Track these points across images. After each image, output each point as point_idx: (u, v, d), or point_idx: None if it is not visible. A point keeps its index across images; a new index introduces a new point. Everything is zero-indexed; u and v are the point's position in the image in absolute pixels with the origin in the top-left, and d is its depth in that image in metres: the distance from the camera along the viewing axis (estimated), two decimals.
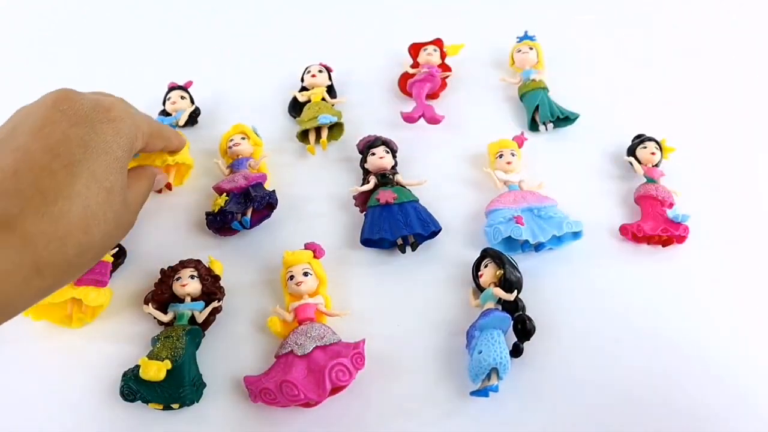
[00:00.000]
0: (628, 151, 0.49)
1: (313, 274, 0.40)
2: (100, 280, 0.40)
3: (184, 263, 0.41)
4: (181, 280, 0.40)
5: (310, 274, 0.40)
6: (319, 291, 0.40)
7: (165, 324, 0.39)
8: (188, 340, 0.37)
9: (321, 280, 0.40)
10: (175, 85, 0.55)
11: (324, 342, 0.36)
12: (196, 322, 0.39)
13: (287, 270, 0.40)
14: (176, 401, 0.35)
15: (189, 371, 0.36)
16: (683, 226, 0.43)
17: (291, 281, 0.39)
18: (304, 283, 0.39)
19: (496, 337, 0.35)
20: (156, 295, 0.40)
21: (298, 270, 0.40)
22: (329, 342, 0.37)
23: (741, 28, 0.63)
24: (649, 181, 0.46)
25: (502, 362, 0.34)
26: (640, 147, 0.48)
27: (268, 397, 0.34)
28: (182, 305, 0.39)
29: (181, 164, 0.48)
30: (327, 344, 0.36)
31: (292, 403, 0.34)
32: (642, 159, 0.48)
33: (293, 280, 0.39)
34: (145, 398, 0.35)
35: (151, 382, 0.34)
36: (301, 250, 0.41)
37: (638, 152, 0.48)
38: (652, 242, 0.43)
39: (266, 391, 0.34)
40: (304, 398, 0.33)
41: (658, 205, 0.44)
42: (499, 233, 0.41)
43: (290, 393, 0.33)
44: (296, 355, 0.36)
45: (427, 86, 0.54)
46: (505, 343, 0.35)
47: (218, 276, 0.41)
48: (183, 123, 0.53)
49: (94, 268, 0.40)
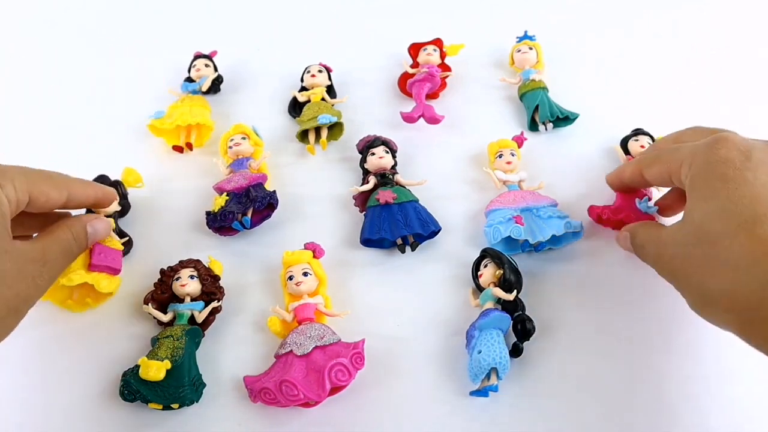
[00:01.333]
0: (622, 142, 0.49)
1: (313, 274, 0.40)
2: (115, 268, 0.41)
3: (183, 263, 0.41)
4: (180, 280, 0.40)
5: (310, 274, 0.40)
6: (319, 291, 0.40)
7: (165, 324, 0.39)
8: (188, 340, 0.37)
9: (321, 280, 0.40)
10: (201, 54, 0.57)
11: (324, 342, 0.36)
12: (195, 322, 0.39)
13: (287, 270, 0.40)
14: (176, 401, 0.35)
15: (188, 371, 0.36)
16: (651, 216, 0.42)
17: (290, 281, 0.39)
18: (303, 283, 0.39)
19: (495, 336, 0.35)
20: (156, 295, 0.40)
21: (298, 270, 0.40)
22: (329, 342, 0.37)
23: (741, 28, 0.63)
24: None
25: (501, 362, 0.34)
26: (633, 139, 0.48)
27: (267, 396, 0.34)
28: (182, 305, 0.39)
29: (202, 125, 0.52)
30: (326, 344, 0.36)
31: (292, 403, 0.34)
32: (632, 151, 0.48)
33: (293, 280, 0.39)
34: (145, 398, 0.35)
35: (151, 381, 0.34)
36: (301, 250, 0.41)
37: (630, 144, 0.48)
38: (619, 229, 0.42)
39: (266, 391, 0.34)
40: (303, 398, 0.33)
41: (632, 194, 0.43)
42: (498, 233, 0.41)
43: (290, 393, 0.33)
44: (296, 355, 0.36)
45: (427, 86, 0.54)
46: (504, 343, 0.35)
47: (218, 276, 0.41)
48: (206, 89, 0.55)
49: (107, 255, 0.40)
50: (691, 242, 0.32)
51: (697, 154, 0.33)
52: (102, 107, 0.57)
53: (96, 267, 0.39)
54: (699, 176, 0.32)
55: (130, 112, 0.55)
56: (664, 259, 0.35)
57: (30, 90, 0.60)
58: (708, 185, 0.31)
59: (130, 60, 0.62)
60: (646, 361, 0.37)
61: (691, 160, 0.33)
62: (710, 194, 0.31)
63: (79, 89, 0.59)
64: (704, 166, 0.32)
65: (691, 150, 0.34)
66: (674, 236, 0.34)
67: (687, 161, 0.34)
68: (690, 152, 0.34)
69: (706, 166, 0.32)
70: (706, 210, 0.31)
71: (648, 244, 0.37)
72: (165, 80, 0.58)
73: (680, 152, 0.35)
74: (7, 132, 0.55)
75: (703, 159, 0.32)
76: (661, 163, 0.37)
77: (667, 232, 0.35)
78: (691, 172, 0.33)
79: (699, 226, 0.31)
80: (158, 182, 0.49)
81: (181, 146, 0.51)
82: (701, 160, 0.33)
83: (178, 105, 0.53)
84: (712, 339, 0.38)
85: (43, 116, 0.56)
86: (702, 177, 0.32)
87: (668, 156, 0.36)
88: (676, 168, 0.35)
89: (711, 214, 0.31)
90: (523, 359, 0.37)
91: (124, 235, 0.44)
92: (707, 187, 0.31)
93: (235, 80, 0.59)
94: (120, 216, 0.45)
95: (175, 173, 0.51)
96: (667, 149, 0.37)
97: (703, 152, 0.33)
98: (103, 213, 0.43)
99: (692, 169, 0.33)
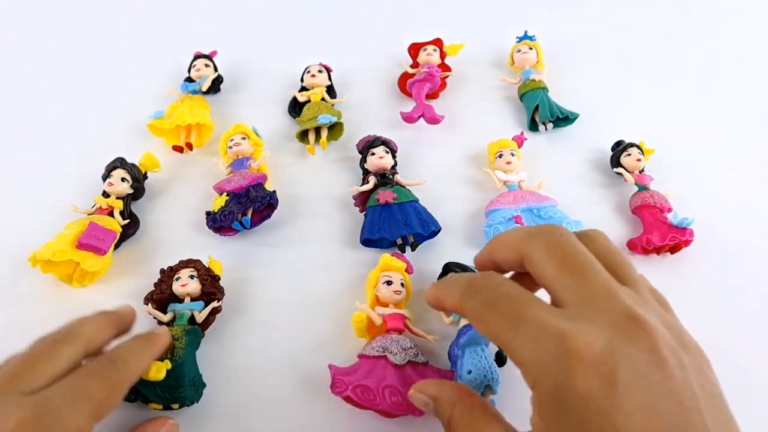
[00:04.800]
0: (612, 160, 0.48)
1: (406, 287, 0.39)
2: (100, 248, 0.41)
3: (183, 263, 0.41)
4: (180, 280, 0.40)
5: (404, 286, 0.39)
6: (404, 305, 0.39)
7: (164, 324, 0.39)
8: (188, 340, 0.37)
9: (409, 295, 0.40)
10: (201, 54, 0.58)
11: (417, 360, 0.36)
12: (195, 322, 0.39)
13: (383, 273, 0.39)
14: (176, 401, 0.35)
15: (189, 371, 0.36)
16: (689, 230, 0.42)
17: (388, 286, 0.38)
18: (401, 293, 0.38)
19: (480, 353, 0.35)
20: (155, 295, 0.40)
21: (398, 278, 0.39)
22: (421, 361, 0.36)
23: (741, 28, 0.63)
24: (641, 189, 0.45)
25: (493, 377, 0.34)
26: (624, 155, 0.47)
27: (364, 394, 0.33)
28: (181, 305, 0.39)
29: (202, 125, 0.52)
30: (418, 362, 0.36)
31: (391, 409, 0.33)
32: (628, 167, 0.47)
33: (392, 286, 0.38)
34: (145, 398, 0.35)
35: (151, 382, 0.34)
36: (398, 259, 0.40)
37: (623, 160, 0.47)
38: (662, 252, 0.42)
39: (364, 389, 0.33)
40: (405, 410, 0.33)
41: (657, 213, 0.43)
42: (498, 233, 0.41)
43: (393, 400, 0.33)
44: (390, 363, 0.35)
45: (427, 86, 0.54)
46: (491, 357, 0.35)
47: (218, 276, 0.41)
48: (206, 89, 0.56)
49: (97, 235, 0.41)
50: None
51: (544, 371, 0.23)
52: (102, 107, 0.57)
53: (82, 246, 0.40)
54: (548, 410, 0.22)
55: (130, 112, 0.55)
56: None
57: (30, 90, 0.60)
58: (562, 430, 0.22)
59: (130, 60, 0.62)
60: None
61: (534, 371, 0.23)
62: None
63: (79, 89, 0.59)
64: (554, 396, 0.22)
65: (532, 354, 0.23)
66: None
67: (529, 368, 0.23)
68: (532, 357, 0.23)
69: (556, 397, 0.22)
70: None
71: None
72: (165, 80, 0.58)
73: (517, 341, 0.24)
74: (7, 132, 0.55)
75: (551, 385, 0.22)
76: (489, 330, 0.25)
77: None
78: (537, 391, 0.23)
79: None
80: (158, 182, 0.49)
81: (181, 146, 0.51)
82: (549, 385, 0.22)
83: (178, 105, 0.53)
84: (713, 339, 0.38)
85: (43, 116, 0.56)
86: (552, 414, 0.22)
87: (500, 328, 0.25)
88: (512, 357, 0.24)
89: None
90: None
91: (134, 216, 0.45)
92: None
93: (235, 80, 0.59)
94: (133, 199, 0.47)
95: (175, 173, 0.51)
96: (497, 310, 0.25)
97: (552, 374, 0.22)
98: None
99: (537, 387, 0.23)
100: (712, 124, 0.53)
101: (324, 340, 0.39)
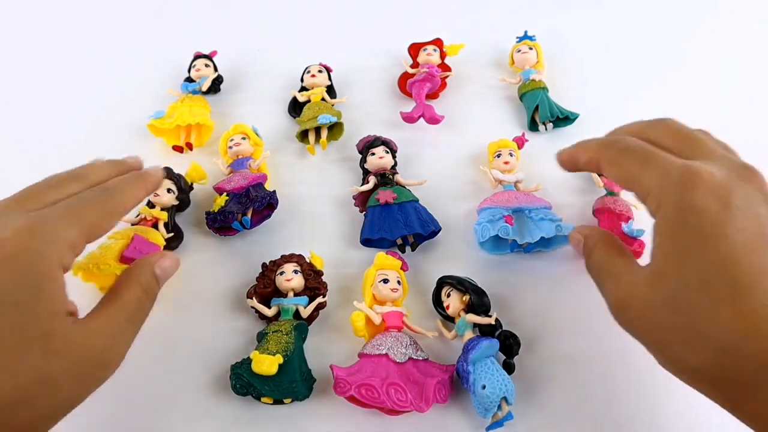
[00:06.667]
0: None
1: (402, 285, 0.39)
2: None
3: (286, 258, 0.41)
4: (285, 275, 0.40)
5: (401, 284, 0.39)
6: (401, 302, 0.39)
7: (268, 318, 0.39)
8: (297, 335, 0.37)
9: (405, 293, 0.40)
10: (201, 54, 0.57)
11: (418, 356, 0.36)
12: (300, 317, 0.39)
13: (379, 271, 0.39)
14: (289, 395, 0.35)
15: (300, 365, 0.36)
16: (639, 241, 0.41)
17: (385, 284, 0.38)
18: (398, 290, 0.39)
19: (491, 365, 0.34)
20: (258, 289, 0.40)
21: (394, 276, 0.39)
22: (421, 357, 0.36)
23: (740, 29, 0.63)
24: (609, 194, 0.45)
25: (508, 389, 0.33)
26: None
27: (369, 393, 0.33)
28: (287, 300, 0.39)
29: (202, 125, 0.52)
30: (419, 359, 0.36)
31: (396, 406, 0.33)
32: None
33: (388, 284, 0.38)
34: (258, 392, 0.34)
35: (264, 376, 0.34)
36: (392, 257, 0.40)
37: None
38: None
39: (368, 388, 0.33)
40: (409, 407, 0.33)
41: (615, 219, 0.43)
42: (487, 231, 0.41)
43: (399, 397, 0.33)
44: (391, 360, 0.35)
45: (427, 86, 0.54)
46: (502, 369, 0.35)
47: (320, 271, 0.41)
48: (206, 89, 0.55)
49: (142, 249, 0.40)
50: (664, 308, 0.27)
51: (667, 193, 0.28)
52: (102, 107, 0.57)
53: (125, 260, 0.39)
54: (669, 224, 0.28)
55: (130, 112, 0.55)
56: (630, 315, 0.29)
57: (30, 89, 0.60)
58: (680, 240, 0.27)
59: (130, 60, 0.62)
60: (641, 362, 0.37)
61: (659, 195, 0.28)
62: (683, 253, 0.26)
63: (78, 89, 0.59)
64: (675, 213, 0.27)
65: (659, 180, 0.28)
66: (643, 293, 0.28)
67: (655, 194, 0.29)
68: (659, 183, 0.28)
69: (677, 213, 0.27)
70: (681, 276, 0.26)
71: (607, 280, 0.31)
72: (165, 80, 0.58)
73: (646, 175, 0.29)
74: (7, 132, 0.55)
75: (674, 202, 0.27)
76: (623, 171, 0.31)
77: (632, 280, 0.29)
78: (660, 213, 0.28)
79: (673, 293, 0.27)
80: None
81: (181, 146, 0.51)
82: (672, 203, 0.27)
83: (178, 105, 0.53)
84: None
85: (43, 116, 0.56)
86: (673, 228, 0.27)
87: (633, 168, 0.30)
88: (640, 190, 0.30)
89: (686, 281, 0.26)
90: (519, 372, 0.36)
91: (178, 229, 0.44)
92: (679, 242, 0.27)
93: (235, 80, 0.59)
94: (178, 210, 0.46)
95: None
96: (632, 154, 0.31)
97: (675, 193, 0.27)
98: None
99: (661, 209, 0.28)
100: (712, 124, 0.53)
101: (324, 340, 0.39)
